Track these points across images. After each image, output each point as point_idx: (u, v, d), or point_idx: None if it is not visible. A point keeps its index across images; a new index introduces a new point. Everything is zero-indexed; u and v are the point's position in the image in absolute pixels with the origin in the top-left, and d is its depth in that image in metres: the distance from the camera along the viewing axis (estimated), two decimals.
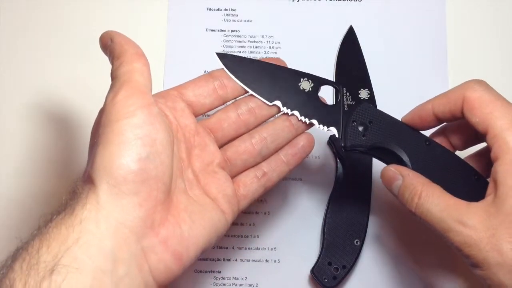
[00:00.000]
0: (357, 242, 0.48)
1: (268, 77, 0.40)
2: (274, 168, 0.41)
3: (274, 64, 0.41)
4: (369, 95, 0.48)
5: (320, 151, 0.51)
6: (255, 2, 0.55)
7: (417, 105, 0.41)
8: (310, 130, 0.42)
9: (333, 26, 0.55)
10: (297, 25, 0.55)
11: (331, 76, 0.53)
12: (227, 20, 0.55)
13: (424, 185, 0.37)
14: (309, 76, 0.41)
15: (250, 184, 0.40)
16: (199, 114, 0.40)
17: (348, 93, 0.41)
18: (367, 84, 0.52)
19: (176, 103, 0.39)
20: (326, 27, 0.55)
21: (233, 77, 0.40)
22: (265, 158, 0.41)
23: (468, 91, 0.37)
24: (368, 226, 0.49)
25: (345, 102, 0.41)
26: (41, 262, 0.29)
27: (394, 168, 0.39)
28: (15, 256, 0.30)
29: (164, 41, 0.54)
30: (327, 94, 0.42)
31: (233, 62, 0.40)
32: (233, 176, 0.40)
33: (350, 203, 0.49)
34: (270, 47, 0.54)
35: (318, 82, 0.41)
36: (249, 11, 0.55)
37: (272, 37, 0.55)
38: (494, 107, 0.36)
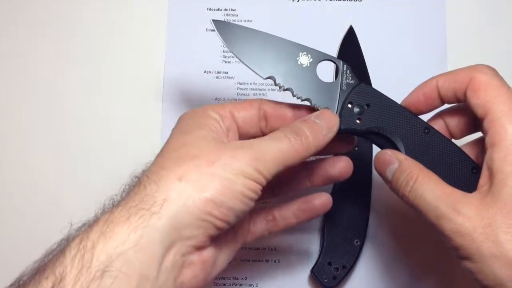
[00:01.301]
0: (357, 242, 0.48)
1: (265, 49, 0.39)
2: (283, 217, 0.41)
3: (273, 35, 0.40)
4: None
5: None
6: (255, 2, 0.55)
7: None
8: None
9: (333, 26, 0.55)
10: (297, 25, 0.55)
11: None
12: (227, 20, 0.55)
13: (421, 170, 0.36)
14: (309, 50, 0.39)
15: (259, 224, 0.41)
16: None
17: (348, 71, 0.39)
18: (367, 84, 0.52)
19: (231, 125, 0.38)
20: (326, 27, 0.55)
21: (226, 44, 0.39)
22: (276, 195, 0.42)
23: (478, 72, 0.36)
24: (368, 226, 0.49)
25: (344, 81, 0.39)
26: (95, 261, 0.29)
27: (390, 152, 0.38)
28: (72, 239, 0.31)
29: (164, 41, 0.54)
30: (327, 71, 0.41)
31: (229, 31, 0.39)
32: None
33: (350, 203, 0.49)
34: None
35: (318, 57, 0.39)
36: (249, 11, 0.55)
37: None
38: (500, 93, 0.35)
